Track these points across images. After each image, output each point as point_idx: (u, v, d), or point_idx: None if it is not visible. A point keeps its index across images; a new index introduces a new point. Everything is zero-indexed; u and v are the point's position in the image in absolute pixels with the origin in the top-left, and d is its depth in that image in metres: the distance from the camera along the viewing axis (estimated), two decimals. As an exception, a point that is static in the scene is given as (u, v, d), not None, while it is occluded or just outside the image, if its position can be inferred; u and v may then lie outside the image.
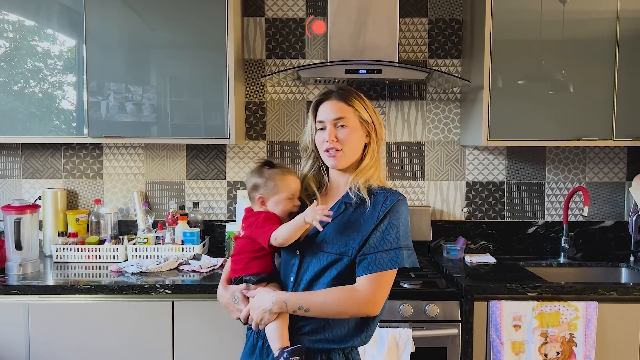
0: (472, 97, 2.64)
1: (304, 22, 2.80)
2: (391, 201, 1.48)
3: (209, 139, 2.50)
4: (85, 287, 2.15)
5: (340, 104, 1.55)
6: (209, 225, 2.84)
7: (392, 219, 1.47)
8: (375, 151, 1.58)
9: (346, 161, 1.54)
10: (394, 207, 1.47)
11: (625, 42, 2.44)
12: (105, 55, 2.45)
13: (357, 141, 1.55)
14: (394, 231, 1.46)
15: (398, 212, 1.47)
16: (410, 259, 1.47)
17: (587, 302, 2.17)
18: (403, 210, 1.49)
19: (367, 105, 1.58)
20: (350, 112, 1.54)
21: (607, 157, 2.84)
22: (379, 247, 1.45)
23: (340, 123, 1.53)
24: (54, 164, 2.84)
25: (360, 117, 1.55)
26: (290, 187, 1.57)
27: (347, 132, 1.53)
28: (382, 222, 1.46)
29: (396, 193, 1.51)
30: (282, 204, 1.57)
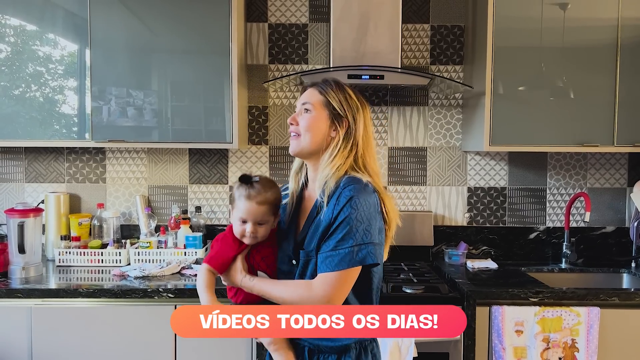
0: (474, 103, 2.65)
1: (307, 28, 2.82)
2: (345, 197, 1.40)
3: (212, 143, 2.51)
4: (88, 290, 2.16)
5: (313, 91, 1.53)
6: (212, 230, 2.84)
7: (345, 216, 1.39)
8: (338, 148, 1.48)
9: (301, 148, 1.51)
10: (347, 204, 1.39)
11: (626, 49, 2.45)
12: (108, 60, 2.46)
13: (318, 130, 1.49)
14: (345, 229, 1.38)
15: (352, 208, 1.38)
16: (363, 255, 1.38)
17: (589, 308, 2.17)
18: (359, 204, 1.39)
19: (347, 101, 1.51)
20: (319, 100, 1.51)
21: (608, 163, 2.85)
22: (330, 246, 1.40)
23: (305, 107, 1.52)
24: (56, 168, 2.84)
25: (331, 107, 1.50)
26: (242, 209, 1.50)
27: (308, 117, 1.50)
28: (335, 220, 1.40)
29: (352, 188, 1.41)
30: (235, 223, 1.53)
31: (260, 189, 1.50)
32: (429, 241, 2.76)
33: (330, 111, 1.50)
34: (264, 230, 1.53)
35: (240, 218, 1.51)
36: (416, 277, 2.40)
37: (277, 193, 1.54)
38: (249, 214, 1.49)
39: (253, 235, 1.50)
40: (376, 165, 1.55)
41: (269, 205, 1.51)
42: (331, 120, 1.50)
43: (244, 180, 1.52)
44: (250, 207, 1.49)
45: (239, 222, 1.51)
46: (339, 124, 1.50)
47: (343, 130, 1.50)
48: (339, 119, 1.50)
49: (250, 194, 1.49)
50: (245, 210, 1.49)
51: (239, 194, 1.51)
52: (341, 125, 1.50)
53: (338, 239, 1.39)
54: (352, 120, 1.51)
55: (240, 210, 1.50)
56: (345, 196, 1.40)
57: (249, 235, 1.50)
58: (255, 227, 1.50)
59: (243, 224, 1.51)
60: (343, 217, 1.39)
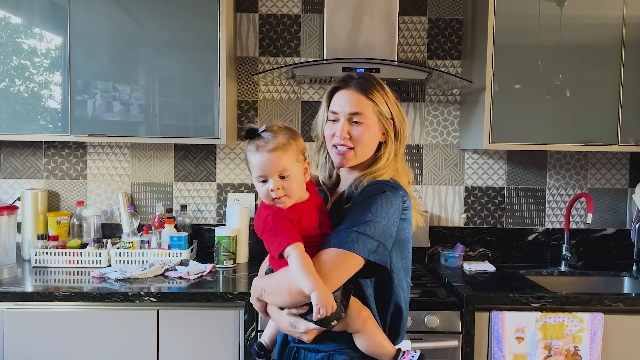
0: (473, 99, 2.55)
1: (299, 19, 2.70)
2: (375, 189, 1.32)
3: (199, 138, 2.39)
4: (65, 294, 2.03)
5: (359, 96, 1.38)
6: (198, 230, 2.72)
7: (364, 203, 1.31)
8: (392, 153, 1.41)
9: (355, 162, 1.41)
10: (377, 195, 1.31)
11: (631, 46, 2.38)
12: (90, 52, 2.33)
13: (372, 140, 1.40)
14: (359, 213, 1.29)
15: (379, 200, 1.30)
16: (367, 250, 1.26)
17: (592, 314, 2.09)
18: (382, 201, 1.30)
19: (389, 98, 1.41)
20: (370, 107, 1.38)
21: (609, 162, 2.77)
22: (345, 226, 1.29)
23: (355, 119, 1.38)
24: (34, 163, 2.70)
25: (379, 112, 1.39)
26: (256, 166, 1.28)
27: (362, 129, 1.37)
28: (358, 204, 1.32)
29: (384, 185, 1.33)
30: (257, 187, 1.31)
31: (269, 137, 1.29)
32: (424, 242, 2.66)
33: (378, 115, 1.40)
34: (292, 184, 1.29)
35: (258, 177, 1.30)
36: (412, 281, 2.29)
37: (292, 137, 1.32)
38: (263, 167, 1.28)
39: (280, 192, 1.27)
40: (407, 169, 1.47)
41: (285, 151, 1.29)
42: (381, 124, 1.41)
43: (250, 134, 1.32)
44: (262, 158, 1.28)
45: (260, 185, 1.30)
46: (387, 126, 1.41)
47: (391, 132, 1.42)
48: (385, 121, 1.41)
49: (258, 144, 1.29)
50: (258, 164, 1.28)
51: (249, 150, 1.31)
52: (389, 126, 1.41)
53: (356, 220, 1.29)
54: (397, 119, 1.43)
55: (254, 168, 1.29)
56: (376, 188, 1.33)
57: (276, 194, 1.27)
58: (278, 181, 1.27)
59: (264, 184, 1.29)
60: (362, 203, 1.31)
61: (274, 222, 1.26)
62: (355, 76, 1.43)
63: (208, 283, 2.19)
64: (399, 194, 1.35)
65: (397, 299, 1.41)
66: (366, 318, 1.33)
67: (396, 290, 1.40)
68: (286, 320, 1.35)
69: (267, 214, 1.29)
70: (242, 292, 2.05)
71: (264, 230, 1.29)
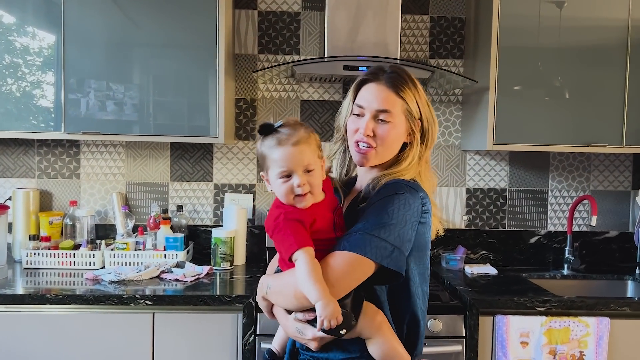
0: (476, 99, 2.51)
1: (299, 16, 2.65)
2: (388, 189, 1.25)
3: (197, 137, 2.33)
4: (57, 297, 1.96)
5: (388, 92, 1.29)
6: (194, 231, 2.66)
7: (380, 204, 1.23)
8: (417, 155, 1.32)
9: (376, 161, 1.33)
10: (389, 195, 1.23)
11: (637, 47, 2.35)
12: (85, 51, 2.28)
13: (396, 140, 1.32)
14: (374, 214, 1.21)
15: (390, 202, 1.22)
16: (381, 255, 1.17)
17: (598, 318, 2.05)
18: (399, 203, 1.22)
19: (420, 97, 1.32)
20: (399, 105, 1.29)
21: (612, 164, 2.73)
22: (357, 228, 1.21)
23: (382, 116, 1.29)
24: (26, 162, 2.64)
25: (407, 111, 1.30)
26: (279, 160, 1.20)
27: (388, 129, 1.29)
28: (369, 205, 1.25)
29: (402, 185, 1.25)
30: (275, 187, 1.24)
31: (289, 130, 1.22)
32: (425, 245, 2.61)
33: (408, 114, 1.31)
34: (316, 179, 1.23)
35: (281, 173, 1.21)
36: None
37: (310, 131, 1.26)
38: (288, 160, 1.20)
39: (306, 187, 1.20)
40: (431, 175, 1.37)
41: (309, 145, 1.22)
42: (408, 124, 1.32)
43: (266, 129, 1.24)
44: (287, 151, 1.19)
45: (281, 181, 1.21)
46: (414, 126, 1.32)
47: (418, 132, 1.32)
48: (413, 120, 1.32)
49: (280, 138, 1.21)
50: (282, 158, 1.20)
51: (268, 145, 1.23)
52: (416, 126, 1.32)
53: (370, 222, 1.21)
54: (426, 119, 1.34)
55: (277, 163, 1.20)
56: (394, 188, 1.25)
57: (302, 189, 1.20)
58: (303, 176, 1.20)
59: (287, 179, 1.21)
60: (382, 205, 1.22)
61: (284, 223, 1.19)
62: (387, 69, 1.33)
63: (205, 285, 2.13)
64: (418, 195, 1.27)
65: (414, 307, 1.32)
66: (382, 322, 1.25)
67: (413, 299, 1.32)
68: (293, 325, 1.27)
69: (279, 213, 1.22)
70: (240, 295, 1.99)
71: (274, 230, 1.22)
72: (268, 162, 1.24)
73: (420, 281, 1.34)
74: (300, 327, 1.26)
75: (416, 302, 1.33)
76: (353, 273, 1.19)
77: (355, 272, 1.19)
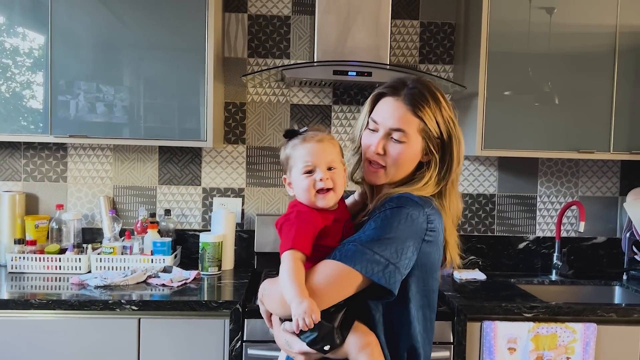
0: (465, 104, 2.51)
1: (289, 20, 2.64)
2: (391, 202, 1.19)
3: (185, 140, 2.32)
4: (42, 302, 1.94)
5: (406, 110, 1.22)
6: (182, 235, 2.64)
7: (379, 217, 1.18)
8: (434, 176, 1.23)
9: (386, 180, 1.26)
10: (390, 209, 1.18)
11: (624, 54, 2.36)
12: (73, 52, 2.26)
13: (409, 160, 1.24)
14: (371, 227, 1.17)
15: (390, 216, 1.17)
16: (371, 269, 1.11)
17: (585, 324, 2.05)
18: (400, 217, 1.16)
19: (442, 114, 1.23)
20: (415, 125, 1.21)
21: (600, 170, 2.75)
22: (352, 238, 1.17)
23: (395, 136, 1.23)
24: (12, 165, 2.61)
25: (425, 131, 1.22)
26: (302, 154, 1.21)
27: (400, 149, 1.22)
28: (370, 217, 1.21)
29: (406, 199, 1.19)
30: (298, 184, 1.22)
31: (314, 132, 1.24)
32: (414, 250, 2.61)
33: (426, 134, 1.23)
34: (339, 178, 1.22)
35: (305, 167, 1.20)
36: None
37: (333, 137, 1.27)
38: (312, 155, 1.20)
39: (328, 182, 1.19)
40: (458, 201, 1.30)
41: (332, 145, 1.23)
42: (425, 144, 1.24)
43: (291, 133, 1.25)
44: (312, 147, 1.20)
45: (304, 177, 1.21)
46: (433, 146, 1.23)
47: (438, 154, 1.24)
48: (431, 140, 1.23)
49: (305, 137, 1.22)
50: (306, 153, 1.20)
51: (292, 145, 1.23)
52: (436, 148, 1.24)
53: (366, 234, 1.16)
54: (448, 139, 1.24)
55: (301, 159, 1.21)
56: (396, 201, 1.19)
57: (324, 183, 1.19)
58: (326, 171, 1.20)
59: (310, 175, 1.20)
60: (381, 218, 1.17)
61: (296, 219, 1.18)
62: (409, 84, 1.25)
63: (192, 291, 2.12)
64: (424, 211, 1.18)
65: (414, 332, 1.23)
66: (371, 345, 1.17)
67: (413, 323, 1.23)
68: (282, 336, 1.23)
69: (294, 210, 1.21)
70: (227, 301, 1.98)
71: (283, 224, 1.20)
72: (292, 160, 1.23)
73: (423, 304, 1.25)
74: (289, 338, 1.21)
75: (417, 326, 1.24)
76: (339, 284, 1.14)
77: (341, 284, 1.14)
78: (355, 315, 1.20)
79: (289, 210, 1.23)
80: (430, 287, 1.26)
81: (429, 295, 1.26)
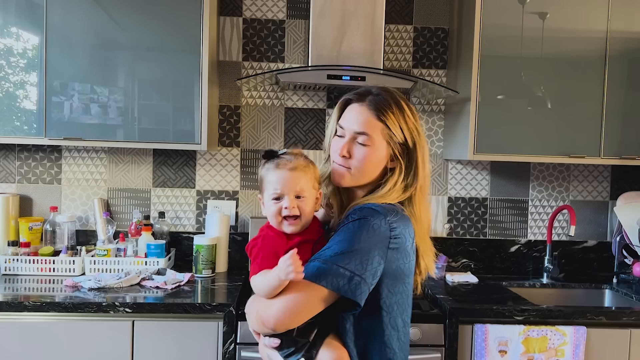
0: (458, 109, 2.54)
1: (284, 24, 2.66)
2: (353, 214, 1.22)
3: (179, 143, 2.33)
4: (36, 304, 1.94)
5: (369, 115, 1.27)
6: (176, 237, 2.65)
7: (342, 230, 1.21)
8: (399, 183, 1.27)
9: (352, 183, 1.30)
10: (352, 221, 1.21)
11: (614, 60, 2.39)
12: (68, 53, 2.26)
13: (373, 164, 1.27)
14: (335, 241, 1.20)
15: (352, 228, 1.20)
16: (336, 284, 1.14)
17: (575, 327, 2.08)
18: (361, 228, 1.19)
19: (406, 121, 1.27)
20: (379, 129, 1.26)
21: (591, 175, 2.78)
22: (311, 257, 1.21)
23: (360, 139, 1.27)
24: (6, 167, 2.61)
25: (389, 135, 1.26)
26: (271, 181, 1.25)
27: (364, 152, 1.26)
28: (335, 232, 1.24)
29: (368, 209, 1.21)
30: (266, 207, 1.28)
31: (290, 157, 1.28)
32: (407, 253, 2.63)
33: (389, 139, 1.27)
34: (306, 206, 1.26)
35: (274, 194, 1.25)
36: (395, 292, 2.26)
37: (311, 163, 1.31)
38: (282, 183, 1.24)
39: (294, 210, 1.23)
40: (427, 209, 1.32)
41: (305, 173, 1.26)
42: (390, 149, 1.28)
43: (269, 155, 1.29)
44: (282, 175, 1.24)
45: (273, 202, 1.25)
46: (399, 152, 1.28)
47: (404, 160, 1.28)
48: (396, 145, 1.27)
49: (279, 162, 1.26)
50: (276, 180, 1.25)
51: (267, 168, 1.27)
52: (402, 154, 1.28)
53: (330, 248, 1.19)
54: (413, 146, 1.28)
55: (271, 185, 1.25)
56: (358, 213, 1.22)
57: (289, 211, 1.23)
58: (293, 200, 1.24)
59: (277, 202, 1.25)
60: (344, 231, 1.20)
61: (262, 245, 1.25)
62: (374, 91, 1.31)
63: (186, 293, 2.13)
64: (386, 220, 1.20)
65: (389, 340, 1.26)
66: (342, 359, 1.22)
67: (386, 331, 1.25)
68: (264, 350, 1.28)
69: (261, 234, 1.27)
70: (221, 303, 1.99)
71: (252, 249, 1.26)
72: (264, 183, 1.28)
73: (395, 310, 1.27)
74: (270, 352, 1.26)
75: (392, 334, 1.27)
76: (308, 301, 1.17)
77: (310, 301, 1.17)
78: (328, 329, 1.24)
79: (258, 235, 1.28)
80: (402, 294, 1.28)
81: (401, 301, 1.28)
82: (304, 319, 1.18)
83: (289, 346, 1.22)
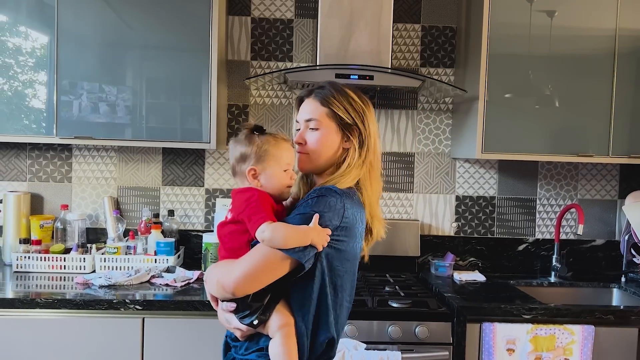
0: (465, 108, 2.54)
1: (292, 23, 2.67)
2: (312, 193, 1.37)
3: (188, 142, 2.34)
4: (47, 301, 1.97)
5: (315, 103, 1.44)
6: (185, 235, 2.67)
7: (301, 206, 1.36)
8: (354, 160, 1.42)
9: (311, 166, 1.46)
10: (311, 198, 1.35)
11: (624, 58, 2.38)
12: (78, 52, 2.28)
13: (325, 145, 1.43)
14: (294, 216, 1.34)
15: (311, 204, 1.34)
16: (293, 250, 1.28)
17: (583, 326, 2.07)
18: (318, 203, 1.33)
19: (353, 106, 1.43)
20: (325, 113, 1.43)
21: (599, 174, 2.77)
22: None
23: (311, 125, 1.44)
24: (17, 165, 2.63)
25: (338, 117, 1.42)
26: (284, 156, 1.42)
27: (316, 136, 1.43)
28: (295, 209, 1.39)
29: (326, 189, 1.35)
30: (277, 177, 1.42)
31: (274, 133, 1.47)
32: (415, 251, 2.64)
33: (338, 122, 1.43)
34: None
35: (287, 166, 1.42)
36: (403, 290, 2.27)
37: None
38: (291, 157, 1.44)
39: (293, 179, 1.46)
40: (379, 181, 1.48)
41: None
42: (341, 131, 1.44)
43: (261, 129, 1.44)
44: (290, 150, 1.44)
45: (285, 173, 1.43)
46: (350, 132, 1.44)
47: (356, 138, 1.44)
48: (348, 127, 1.43)
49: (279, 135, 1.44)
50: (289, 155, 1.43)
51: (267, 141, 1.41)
52: (352, 133, 1.44)
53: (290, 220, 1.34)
54: (363, 126, 1.44)
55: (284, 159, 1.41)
56: (317, 191, 1.35)
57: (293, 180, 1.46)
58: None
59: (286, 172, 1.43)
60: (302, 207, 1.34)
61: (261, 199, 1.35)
62: (321, 85, 1.47)
63: (195, 290, 2.14)
64: (341, 199, 1.34)
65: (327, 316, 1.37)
66: (289, 326, 1.34)
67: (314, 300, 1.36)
68: (222, 314, 1.42)
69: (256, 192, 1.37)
70: (231, 301, 2.00)
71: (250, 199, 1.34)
72: (269, 156, 1.40)
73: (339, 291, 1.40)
74: (227, 316, 1.40)
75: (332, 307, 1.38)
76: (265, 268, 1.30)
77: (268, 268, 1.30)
78: (279, 296, 1.37)
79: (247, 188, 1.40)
80: (341, 269, 1.39)
81: (342, 282, 1.40)
82: (262, 285, 1.31)
83: (244, 309, 1.35)
